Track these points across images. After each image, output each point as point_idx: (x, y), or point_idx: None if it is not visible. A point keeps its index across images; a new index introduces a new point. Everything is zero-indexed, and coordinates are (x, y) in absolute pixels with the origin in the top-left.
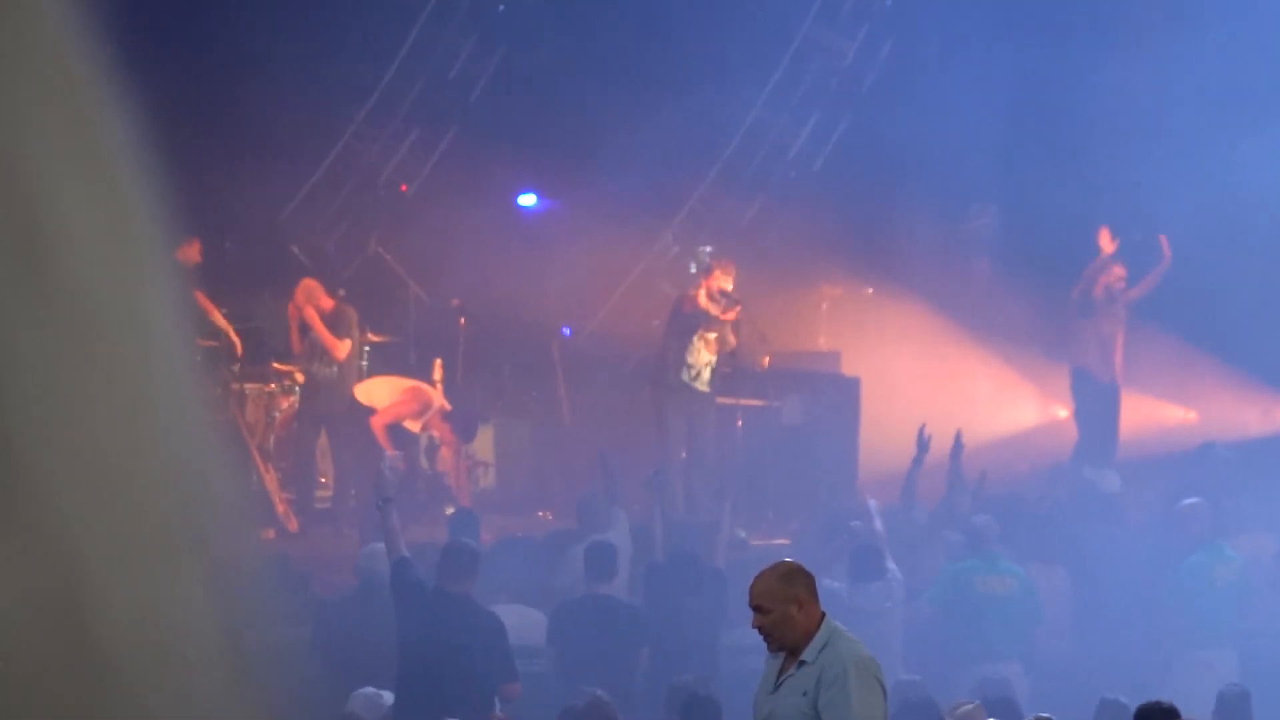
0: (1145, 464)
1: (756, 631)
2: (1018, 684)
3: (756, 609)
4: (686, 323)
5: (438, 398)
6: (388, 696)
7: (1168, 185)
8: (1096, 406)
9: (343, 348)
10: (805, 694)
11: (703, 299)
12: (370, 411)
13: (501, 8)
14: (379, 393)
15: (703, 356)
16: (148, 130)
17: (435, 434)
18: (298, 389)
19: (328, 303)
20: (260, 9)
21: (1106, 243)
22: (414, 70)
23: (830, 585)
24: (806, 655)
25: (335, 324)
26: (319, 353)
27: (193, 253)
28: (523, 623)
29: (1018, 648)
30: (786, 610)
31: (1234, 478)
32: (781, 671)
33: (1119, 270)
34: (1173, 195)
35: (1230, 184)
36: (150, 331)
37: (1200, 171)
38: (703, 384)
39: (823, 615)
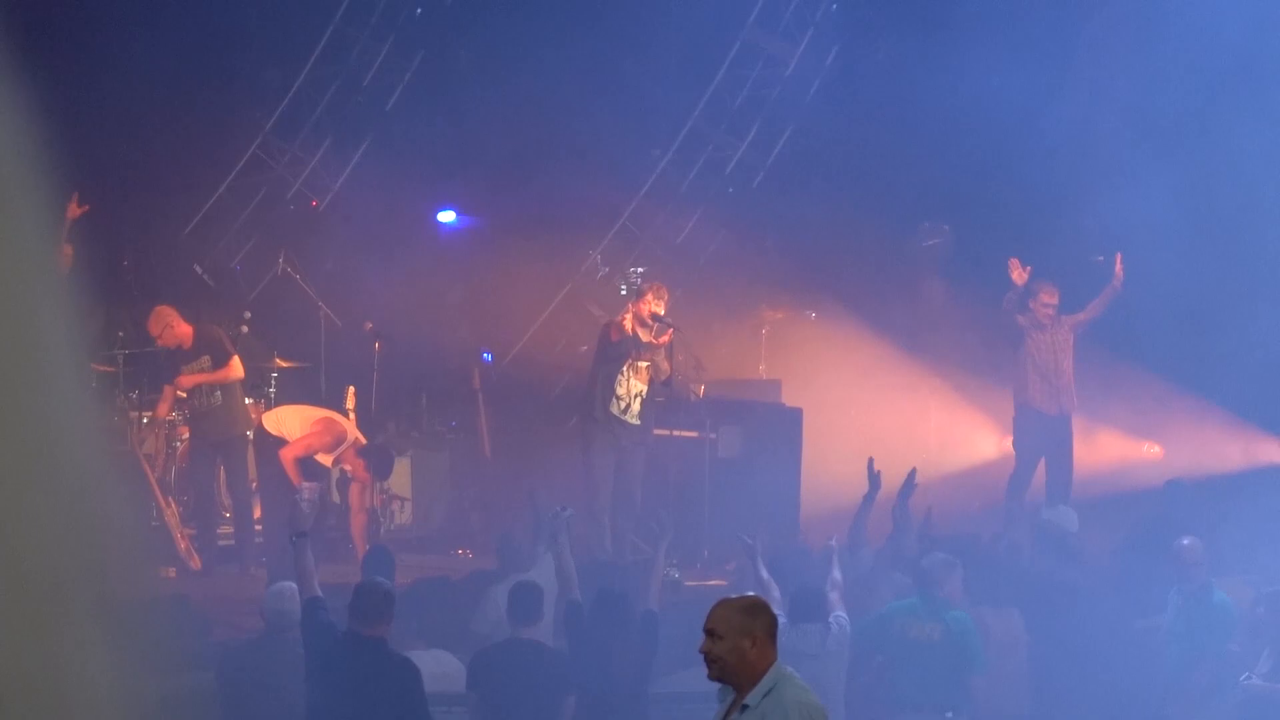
0: (1105, 502)
1: (701, 656)
2: None
3: (709, 632)
4: (615, 350)
5: (352, 430)
6: None
7: (1135, 203)
8: (1039, 440)
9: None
10: None
11: (631, 324)
12: (273, 441)
13: (419, 10)
14: (289, 423)
15: (633, 387)
16: (34, 136)
17: (349, 469)
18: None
19: (185, 329)
20: (162, 12)
21: (1017, 274)
22: (326, 76)
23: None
24: (750, 699)
25: (201, 349)
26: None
27: (66, 258)
28: (440, 669)
29: (937, 698)
30: (738, 642)
31: (1201, 517)
32: (726, 716)
33: (1046, 297)
34: (1141, 214)
35: (1205, 205)
36: (38, 353)
37: (1171, 190)
38: (633, 416)
39: (774, 660)
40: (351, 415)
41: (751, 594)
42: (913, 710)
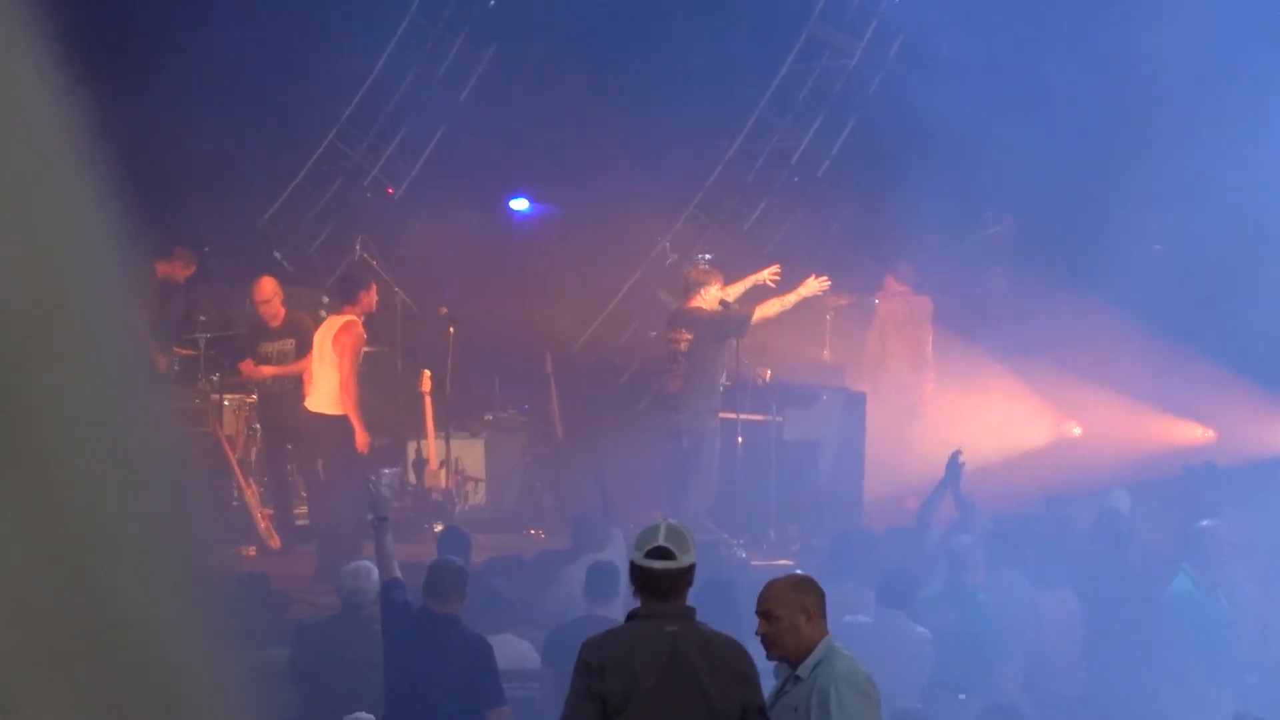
0: (1159, 483)
1: (759, 640)
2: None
3: (765, 614)
4: (727, 322)
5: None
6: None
7: (1194, 189)
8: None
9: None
10: (797, 710)
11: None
12: (321, 421)
13: (492, 2)
14: (321, 390)
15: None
16: (124, 136)
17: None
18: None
19: (281, 309)
20: (240, 5)
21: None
22: (401, 67)
23: (853, 620)
24: (801, 671)
25: (288, 333)
26: (272, 357)
27: (175, 267)
28: (511, 650)
29: (953, 680)
30: (794, 619)
31: (1231, 498)
32: (781, 688)
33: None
34: (1200, 199)
35: (1255, 193)
36: (116, 341)
37: (1224, 178)
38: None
39: (826, 633)
40: (427, 397)
41: (798, 571)
42: (931, 690)
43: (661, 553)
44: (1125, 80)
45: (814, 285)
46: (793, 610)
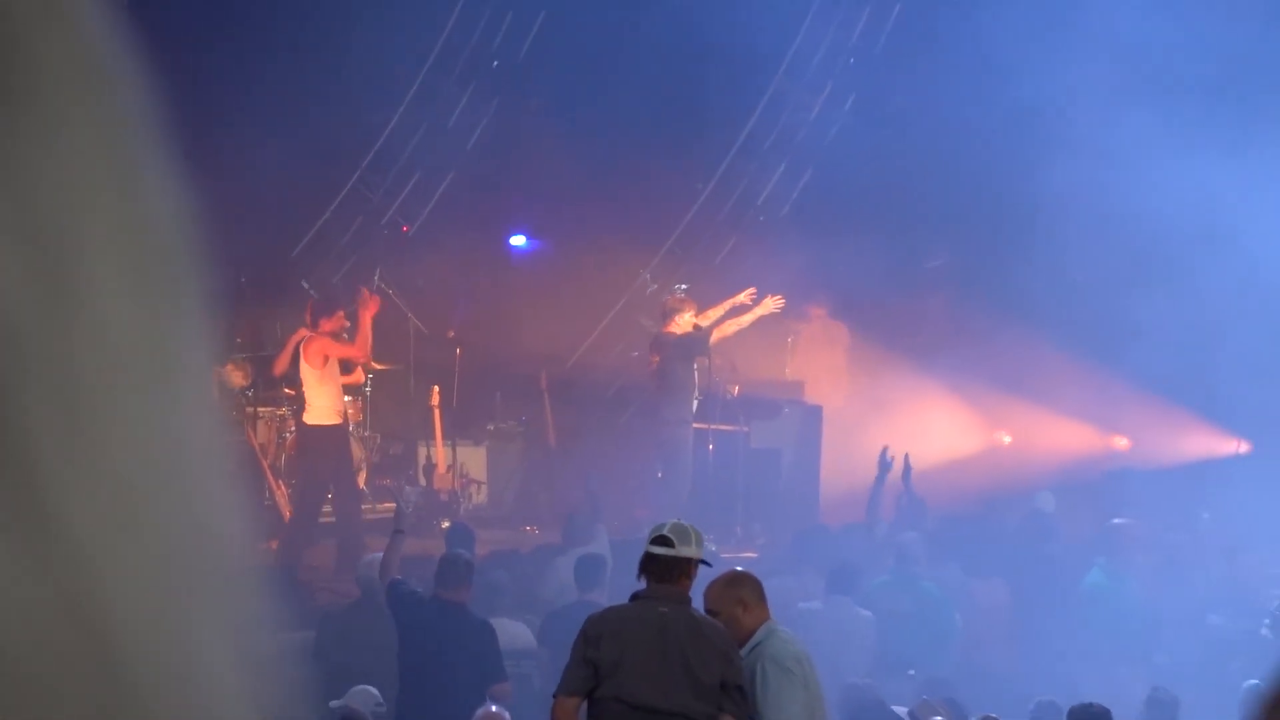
0: (1080, 486)
1: None
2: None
3: (709, 612)
4: (684, 343)
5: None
6: (376, 693)
7: (1108, 227)
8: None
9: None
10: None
11: (681, 329)
12: (318, 431)
13: (495, 64)
14: (316, 397)
15: (698, 383)
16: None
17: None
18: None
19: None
20: (276, 65)
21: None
22: (415, 120)
23: (806, 607)
24: (742, 653)
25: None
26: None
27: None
28: (509, 633)
29: (905, 659)
30: (733, 612)
31: (1150, 500)
32: None
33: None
34: (1114, 239)
35: (1160, 225)
36: (172, 350)
37: (1130, 215)
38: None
39: (766, 619)
40: (436, 410)
41: (735, 568)
42: (878, 671)
43: (663, 541)
44: (1042, 129)
45: (770, 304)
46: (729, 604)
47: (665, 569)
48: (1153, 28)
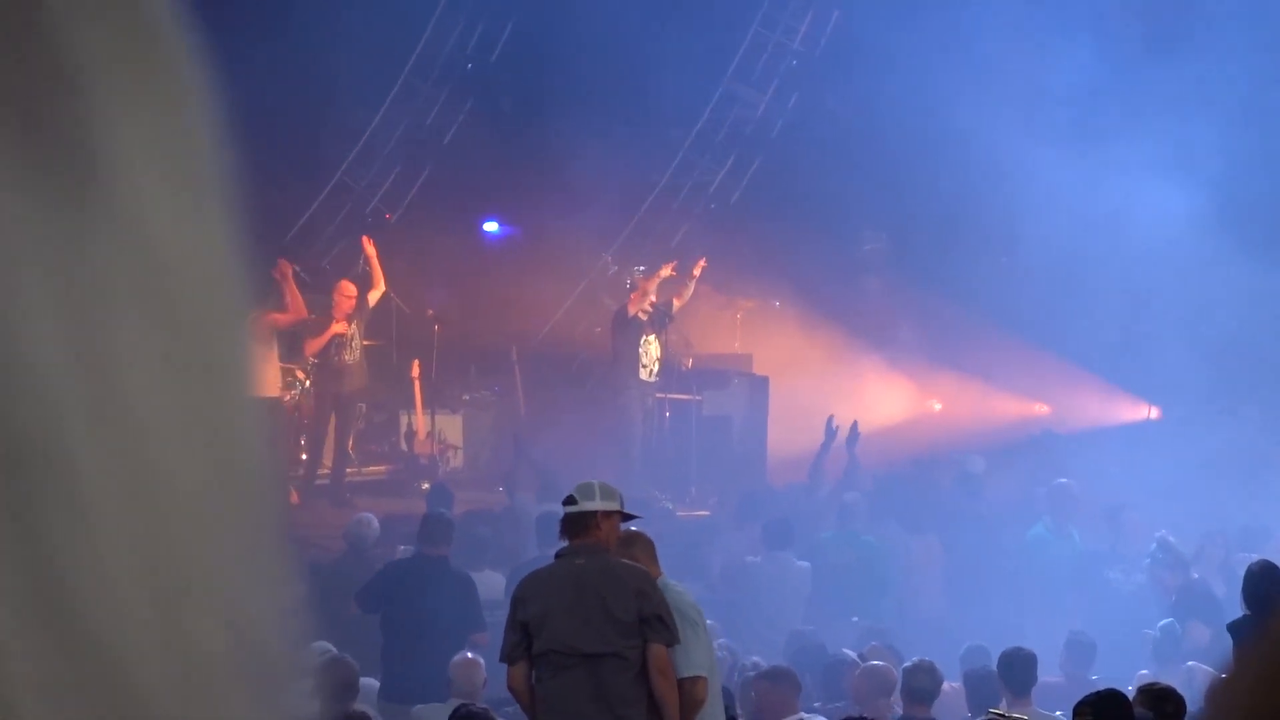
0: (1005, 448)
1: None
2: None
3: None
4: (632, 325)
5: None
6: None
7: (1030, 213)
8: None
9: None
10: None
11: (636, 307)
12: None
13: (469, 66)
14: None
15: (653, 352)
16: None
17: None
18: (296, 385)
19: (351, 296)
20: (268, 65)
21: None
22: (397, 118)
23: (750, 560)
24: None
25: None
26: (347, 340)
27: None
28: (490, 583)
29: (847, 607)
30: None
31: (1070, 462)
32: None
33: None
34: (1035, 225)
35: (1076, 210)
36: (228, 327)
37: (1055, 200)
38: (654, 377)
39: (658, 575)
40: (417, 382)
41: (629, 529)
42: (822, 618)
43: (569, 500)
44: (973, 120)
45: (699, 267)
46: None
47: (574, 525)
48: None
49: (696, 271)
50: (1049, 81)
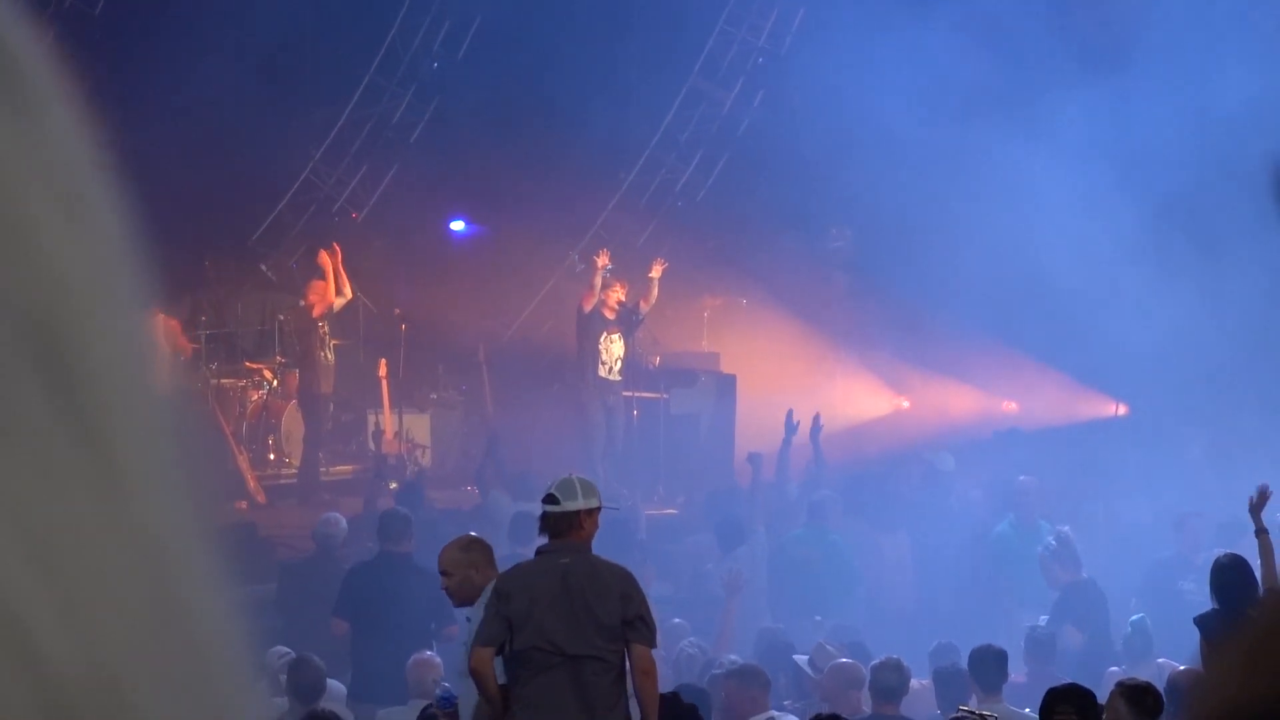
0: (973, 445)
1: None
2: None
3: (443, 573)
4: (586, 321)
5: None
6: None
7: (995, 210)
8: None
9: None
10: (464, 644)
11: (593, 303)
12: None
13: (435, 65)
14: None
15: (614, 351)
16: (134, 164)
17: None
18: (265, 385)
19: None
20: (231, 65)
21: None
22: (363, 117)
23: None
24: (470, 613)
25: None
26: (320, 341)
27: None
28: None
29: (811, 606)
30: (466, 574)
31: (1034, 459)
32: (468, 628)
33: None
34: (1000, 220)
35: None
36: (124, 344)
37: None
38: (615, 375)
39: (493, 578)
40: (384, 381)
41: (468, 534)
42: (790, 616)
43: (550, 499)
44: (942, 111)
45: (658, 268)
46: (464, 567)
47: (557, 524)
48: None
49: (654, 274)
50: (1012, 77)
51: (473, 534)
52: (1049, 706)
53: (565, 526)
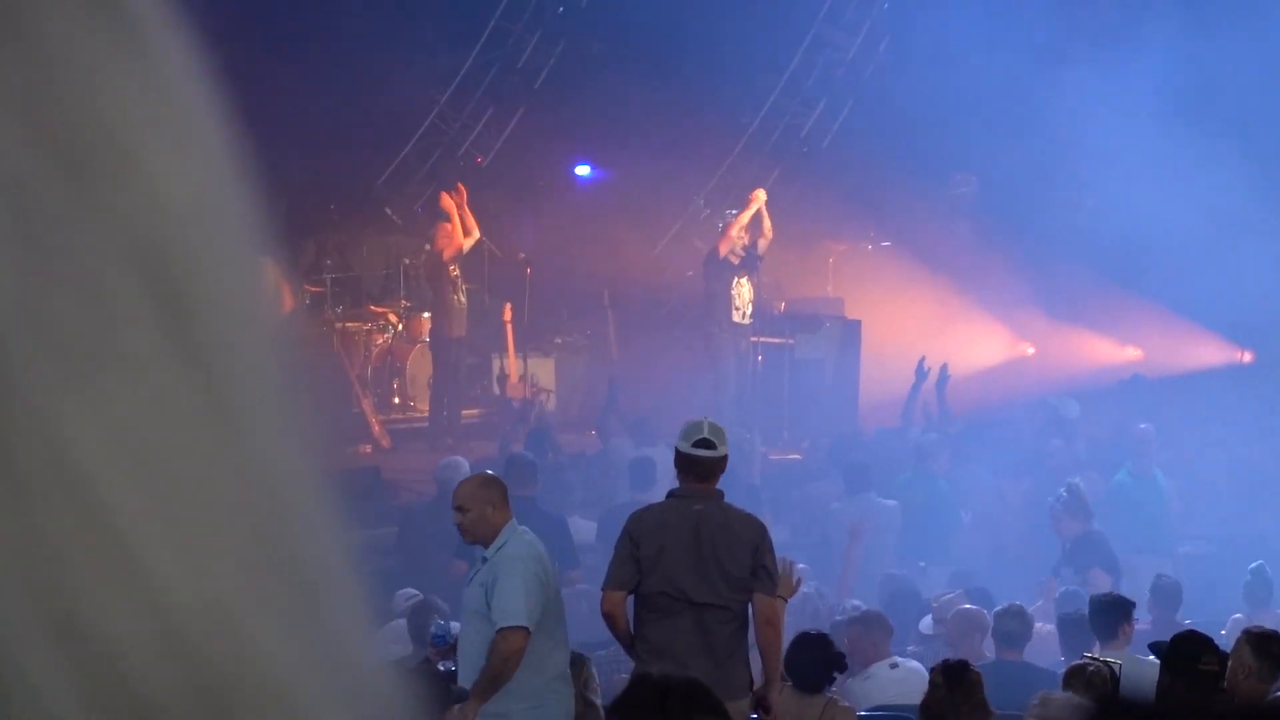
0: (1097, 391)
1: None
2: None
3: (458, 509)
4: (724, 271)
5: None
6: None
7: (1119, 153)
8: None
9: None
10: (483, 585)
11: (726, 248)
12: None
13: (561, 9)
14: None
15: (745, 294)
16: (270, 111)
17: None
18: (390, 329)
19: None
20: (358, 9)
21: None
22: (488, 61)
23: (834, 506)
24: (488, 553)
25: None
26: (452, 285)
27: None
28: (576, 529)
29: (917, 550)
30: (482, 511)
31: (1159, 406)
32: (477, 569)
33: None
34: (1119, 166)
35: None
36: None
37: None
38: (747, 319)
39: (509, 519)
40: (508, 325)
41: (485, 471)
42: (896, 560)
43: (705, 444)
44: (1056, 71)
45: (761, 195)
46: (481, 504)
47: (708, 469)
48: None
49: (755, 199)
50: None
51: (489, 472)
52: (1191, 655)
53: (707, 471)
